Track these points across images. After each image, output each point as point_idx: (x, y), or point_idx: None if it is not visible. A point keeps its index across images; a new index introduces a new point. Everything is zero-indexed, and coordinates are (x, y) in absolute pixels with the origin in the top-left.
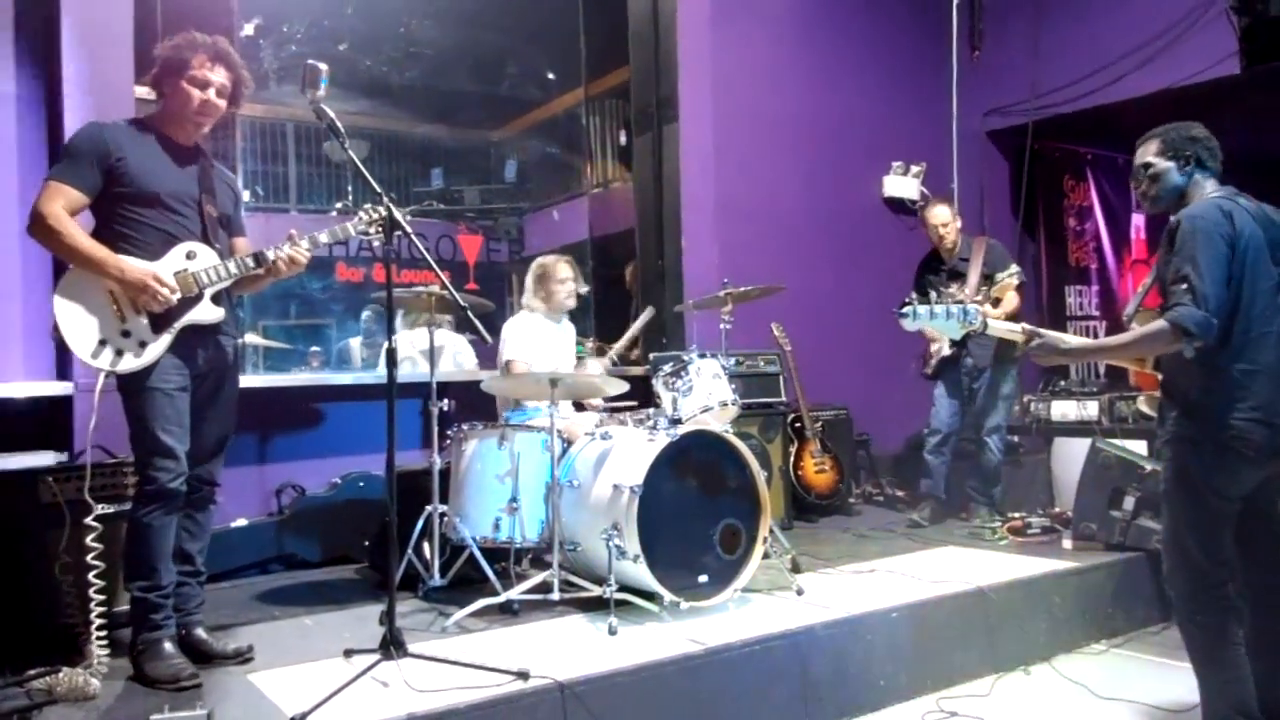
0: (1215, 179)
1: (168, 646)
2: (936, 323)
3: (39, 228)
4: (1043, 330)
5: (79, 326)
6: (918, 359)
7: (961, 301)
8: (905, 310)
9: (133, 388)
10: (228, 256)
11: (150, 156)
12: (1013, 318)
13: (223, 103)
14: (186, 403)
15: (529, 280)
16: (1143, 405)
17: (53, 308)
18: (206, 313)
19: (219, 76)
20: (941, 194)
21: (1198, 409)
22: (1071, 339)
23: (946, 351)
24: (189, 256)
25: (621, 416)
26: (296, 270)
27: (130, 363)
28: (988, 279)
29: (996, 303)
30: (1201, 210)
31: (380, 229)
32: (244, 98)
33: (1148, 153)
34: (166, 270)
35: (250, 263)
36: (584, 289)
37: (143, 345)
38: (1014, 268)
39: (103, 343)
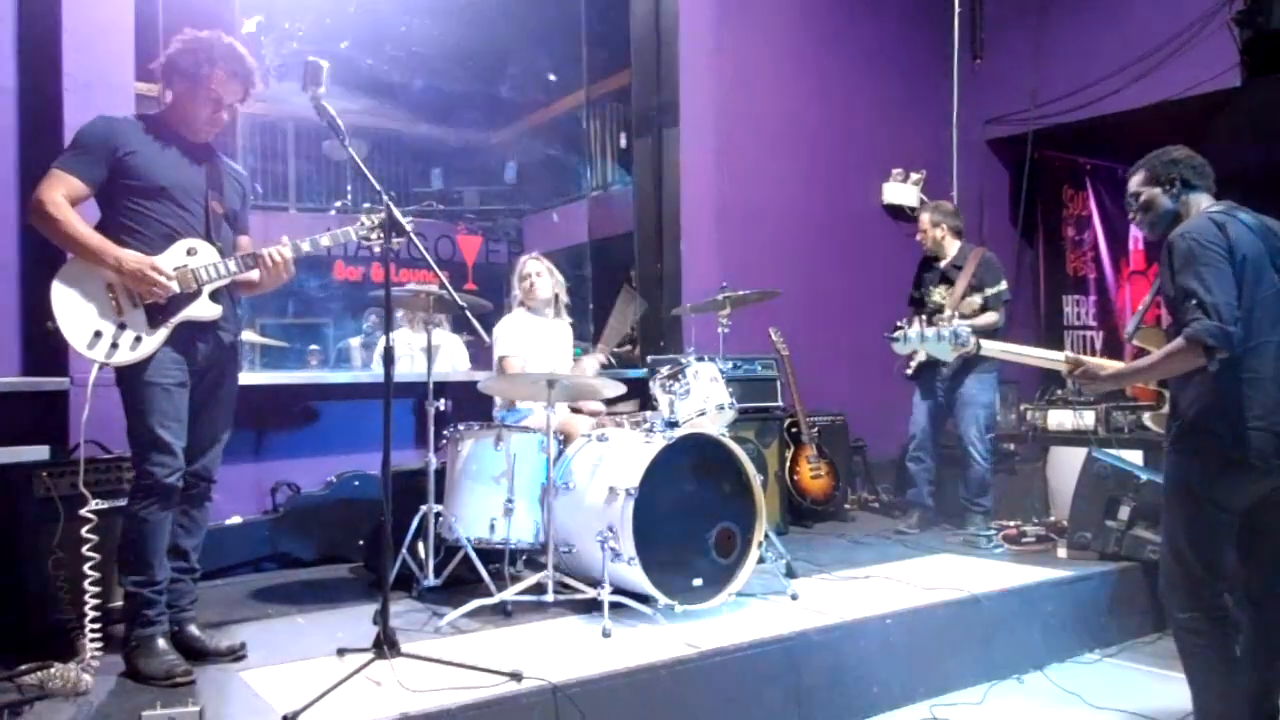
0: (1208, 195)
1: (161, 643)
2: (929, 345)
3: (39, 214)
4: (1085, 358)
5: (75, 317)
6: (900, 359)
7: (944, 305)
8: (896, 334)
9: (131, 382)
10: (230, 254)
11: (158, 151)
12: (989, 334)
13: (228, 116)
14: (185, 398)
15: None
16: (1149, 421)
17: (50, 297)
18: (204, 309)
19: (233, 95)
20: (940, 200)
21: (1202, 419)
22: (1109, 365)
23: (922, 356)
24: (190, 253)
25: (618, 419)
26: (279, 274)
27: (125, 355)
28: (975, 290)
29: (964, 319)
30: (1194, 226)
31: (381, 233)
32: (251, 97)
33: (1135, 183)
34: (166, 264)
35: (251, 262)
36: (562, 290)
37: (139, 339)
38: (1000, 286)
39: (98, 334)
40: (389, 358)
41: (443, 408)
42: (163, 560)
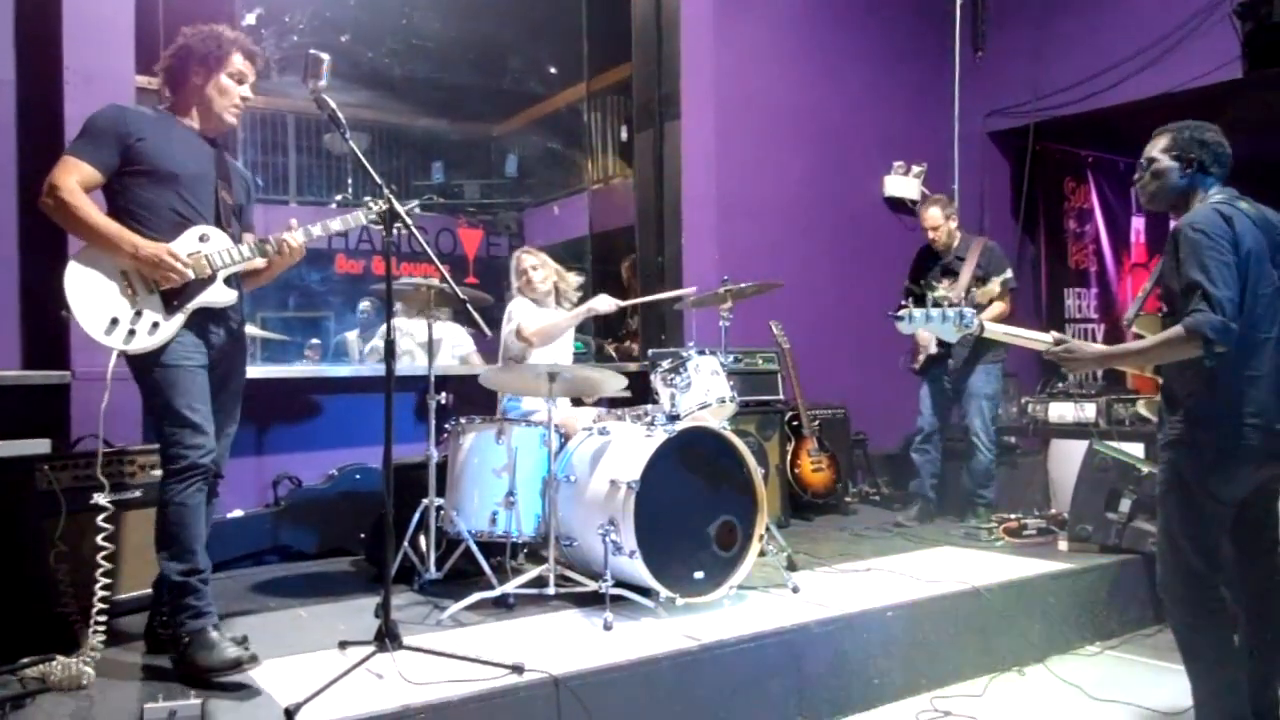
0: (1219, 183)
1: (214, 634)
2: (933, 325)
3: (53, 200)
4: (1067, 337)
5: (91, 303)
6: (906, 354)
7: (949, 298)
8: (901, 314)
9: (151, 370)
10: (240, 242)
11: (169, 140)
12: (1000, 321)
13: (247, 100)
14: (207, 381)
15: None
16: (1142, 409)
17: (62, 284)
18: (219, 295)
19: (252, 75)
20: (938, 193)
21: (1197, 413)
22: (1094, 346)
23: (934, 349)
24: (202, 239)
25: (619, 412)
26: (290, 259)
27: (144, 341)
28: (981, 280)
29: (980, 307)
30: (1202, 217)
31: (385, 221)
32: (255, 79)
33: (1155, 148)
34: (181, 251)
35: (263, 247)
36: (563, 278)
37: (156, 324)
38: (1008, 274)
39: (115, 320)
40: (390, 351)
41: (444, 401)
42: (203, 546)
